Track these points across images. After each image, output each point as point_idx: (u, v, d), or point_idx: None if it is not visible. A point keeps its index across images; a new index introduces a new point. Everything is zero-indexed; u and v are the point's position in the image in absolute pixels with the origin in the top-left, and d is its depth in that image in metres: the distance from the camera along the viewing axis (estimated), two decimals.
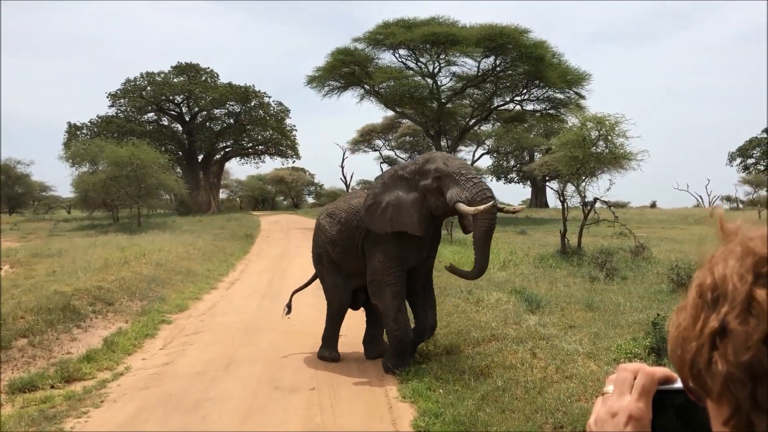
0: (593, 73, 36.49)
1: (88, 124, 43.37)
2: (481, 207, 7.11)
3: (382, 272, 7.93)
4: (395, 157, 52.16)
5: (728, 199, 50.64)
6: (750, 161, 55.49)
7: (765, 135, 53.76)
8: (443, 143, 34.51)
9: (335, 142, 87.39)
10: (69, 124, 43.43)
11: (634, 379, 0.75)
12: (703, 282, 0.64)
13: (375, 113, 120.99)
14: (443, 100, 31.63)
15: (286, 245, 21.74)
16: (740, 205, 48.37)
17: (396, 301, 7.84)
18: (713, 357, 0.60)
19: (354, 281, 8.46)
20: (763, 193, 45.80)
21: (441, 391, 6.13)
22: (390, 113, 39.41)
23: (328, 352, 8.15)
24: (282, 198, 61.25)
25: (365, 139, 51.05)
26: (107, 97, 44.31)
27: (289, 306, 8.95)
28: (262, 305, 10.99)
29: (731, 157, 55.36)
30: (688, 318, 0.65)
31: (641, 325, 7.70)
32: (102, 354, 7.84)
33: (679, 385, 0.72)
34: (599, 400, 0.78)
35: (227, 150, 48.52)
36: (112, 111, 44.50)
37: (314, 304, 10.89)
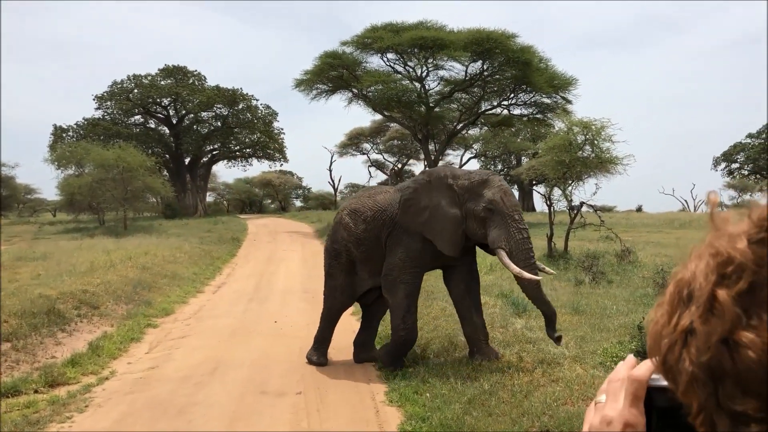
0: (580, 78, 36.73)
1: (74, 126, 43.07)
2: (525, 275, 6.97)
3: (400, 269, 7.69)
4: (383, 160, 52.19)
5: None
6: (734, 166, 56.06)
7: (749, 140, 54.35)
8: (431, 147, 34.55)
9: (323, 145, 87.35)
10: (55, 126, 43.10)
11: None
12: (681, 278, 0.65)
13: (363, 117, 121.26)
14: (431, 104, 31.71)
15: (274, 249, 21.67)
16: (725, 209, 48.71)
17: (407, 301, 7.64)
18: (683, 354, 0.61)
19: (370, 281, 8.13)
20: (747, 197, 46.22)
21: (428, 394, 6.13)
22: (378, 117, 39.40)
23: (317, 356, 7.95)
24: (269, 201, 61.05)
25: (353, 142, 51.01)
26: (93, 99, 44.02)
27: None
28: (249, 309, 10.95)
29: (716, 162, 55.88)
30: (664, 314, 0.66)
31: (627, 328, 7.75)
32: (87, 358, 7.78)
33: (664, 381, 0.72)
34: (590, 409, 0.78)
35: (214, 153, 48.34)
36: (98, 113, 44.21)
37: (303, 308, 10.87)
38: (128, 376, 7.30)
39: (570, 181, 15.98)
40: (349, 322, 9.51)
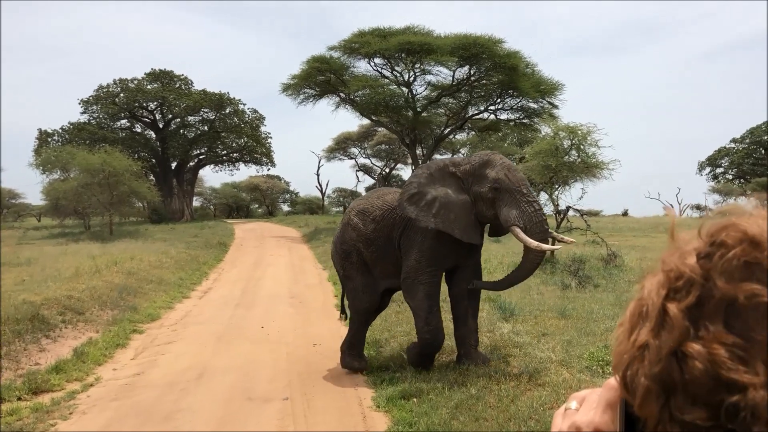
0: (566, 83, 36.97)
1: (60, 130, 42.79)
2: (545, 246, 6.99)
3: (417, 270, 7.48)
4: (371, 165, 52.24)
5: (698, 207, 51.56)
6: (719, 170, 56.70)
7: (733, 145, 55.00)
8: (419, 152, 34.63)
9: (311, 149, 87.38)
10: (40, 130, 42.81)
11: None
12: (640, 296, 0.67)
13: (350, 121, 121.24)
14: (418, 109, 31.77)
15: (261, 253, 21.61)
16: (710, 213, 49.25)
17: (428, 302, 7.43)
18: (639, 368, 0.62)
19: (384, 283, 7.92)
20: (731, 201, 46.61)
21: (415, 400, 6.13)
22: (365, 121, 39.47)
23: (357, 361, 7.68)
24: (257, 206, 60.91)
25: (341, 147, 51.05)
26: (79, 103, 43.77)
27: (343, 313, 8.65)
28: (236, 314, 10.90)
29: (701, 167, 56.51)
30: (625, 331, 0.67)
31: (613, 332, 7.78)
32: (71, 365, 7.71)
33: None
34: (558, 415, 0.79)
35: (201, 157, 48.18)
36: (84, 117, 43.95)
37: (290, 313, 10.84)
38: (113, 382, 7.24)
39: (556, 186, 16.08)
40: (337, 327, 9.50)
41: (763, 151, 52.85)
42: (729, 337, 0.58)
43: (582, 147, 15.55)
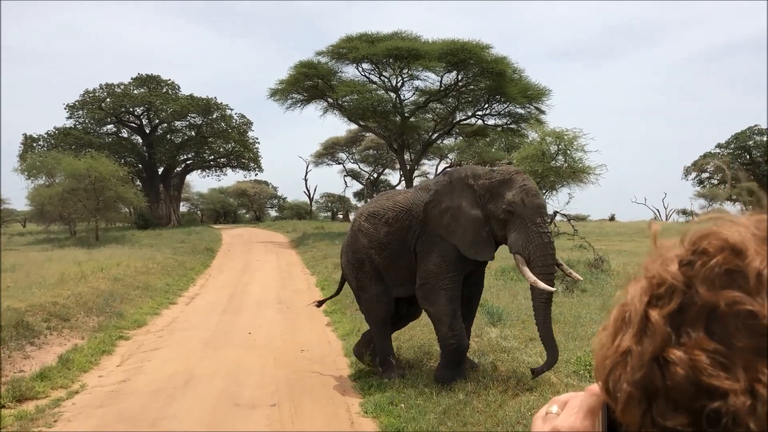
0: (553, 89, 37.14)
1: (45, 135, 42.49)
2: (541, 286, 6.55)
3: (437, 275, 7.14)
4: (359, 170, 52.27)
5: (684, 212, 52.00)
6: (704, 175, 57.26)
7: (718, 150, 55.59)
8: (406, 157, 34.71)
9: (298, 155, 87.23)
10: (25, 135, 42.49)
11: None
12: (623, 302, 0.68)
13: (338, 126, 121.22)
14: (406, 114, 31.84)
15: (248, 259, 21.54)
16: (695, 218, 49.71)
17: (451, 307, 7.09)
18: (621, 375, 0.63)
19: (397, 290, 7.59)
20: (716, 206, 47.07)
21: (403, 405, 6.12)
22: (353, 126, 39.49)
23: (393, 372, 7.33)
24: (244, 211, 60.75)
25: (329, 152, 51.07)
26: (65, 108, 43.47)
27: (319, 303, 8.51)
28: (223, 320, 10.84)
29: (686, 172, 57.01)
30: (608, 336, 0.68)
31: (595, 337, 7.81)
32: (56, 372, 7.64)
33: None
34: (539, 418, 0.79)
35: (188, 162, 48.00)
36: (70, 123, 43.67)
37: (277, 319, 10.80)
38: (99, 389, 7.17)
39: (543, 191, 16.14)
40: (325, 333, 9.49)
41: (748, 156, 53.43)
42: (710, 344, 0.59)
43: (569, 152, 15.65)
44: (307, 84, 31.62)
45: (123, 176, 30.52)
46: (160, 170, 45.53)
